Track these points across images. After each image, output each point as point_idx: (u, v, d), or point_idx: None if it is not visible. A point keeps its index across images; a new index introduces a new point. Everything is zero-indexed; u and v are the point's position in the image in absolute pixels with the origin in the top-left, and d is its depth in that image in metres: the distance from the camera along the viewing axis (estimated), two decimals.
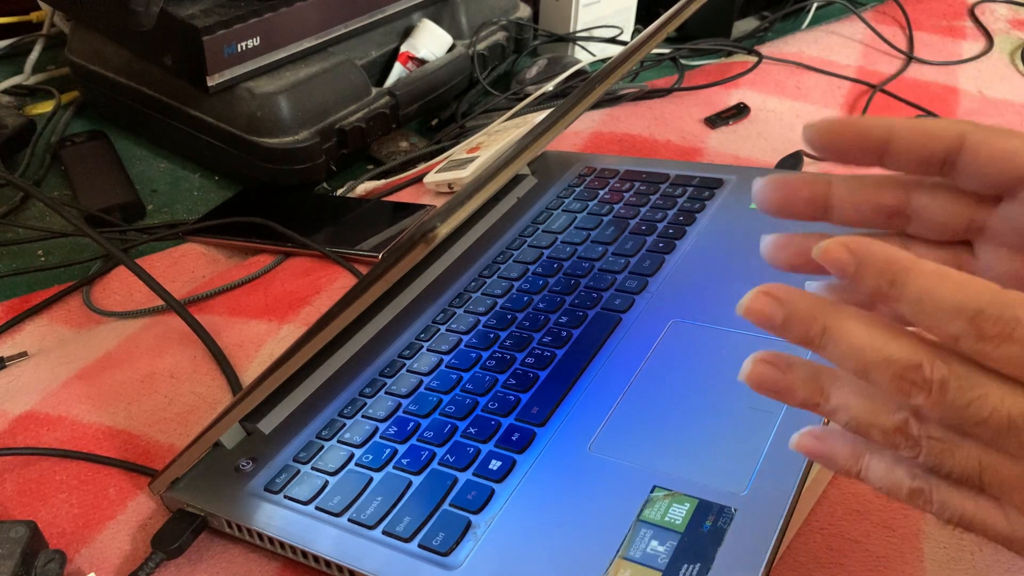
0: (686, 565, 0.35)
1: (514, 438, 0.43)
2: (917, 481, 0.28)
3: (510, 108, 0.79)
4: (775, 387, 0.29)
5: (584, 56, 0.90)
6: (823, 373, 0.28)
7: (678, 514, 0.37)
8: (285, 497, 0.43)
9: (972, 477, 0.27)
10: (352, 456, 0.44)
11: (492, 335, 0.51)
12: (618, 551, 0.36)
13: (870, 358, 0.26)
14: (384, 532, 0.40)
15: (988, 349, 0.25)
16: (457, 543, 0.38)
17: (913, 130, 0.30)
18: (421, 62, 0.80)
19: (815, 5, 1.01)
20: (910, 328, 0.27)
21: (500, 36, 0.86)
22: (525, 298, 0.53)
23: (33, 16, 0.97)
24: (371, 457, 0.44)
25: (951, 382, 0.25)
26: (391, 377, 0.49)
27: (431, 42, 0.80)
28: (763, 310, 0.28)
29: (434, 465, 0.43)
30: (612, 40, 0.92)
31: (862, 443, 0.29)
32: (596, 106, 0.83)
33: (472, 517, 0.39)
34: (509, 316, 0.52)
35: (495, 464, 0.42)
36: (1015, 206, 0.30)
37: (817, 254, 0.27)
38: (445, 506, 0.40)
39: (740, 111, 0.82)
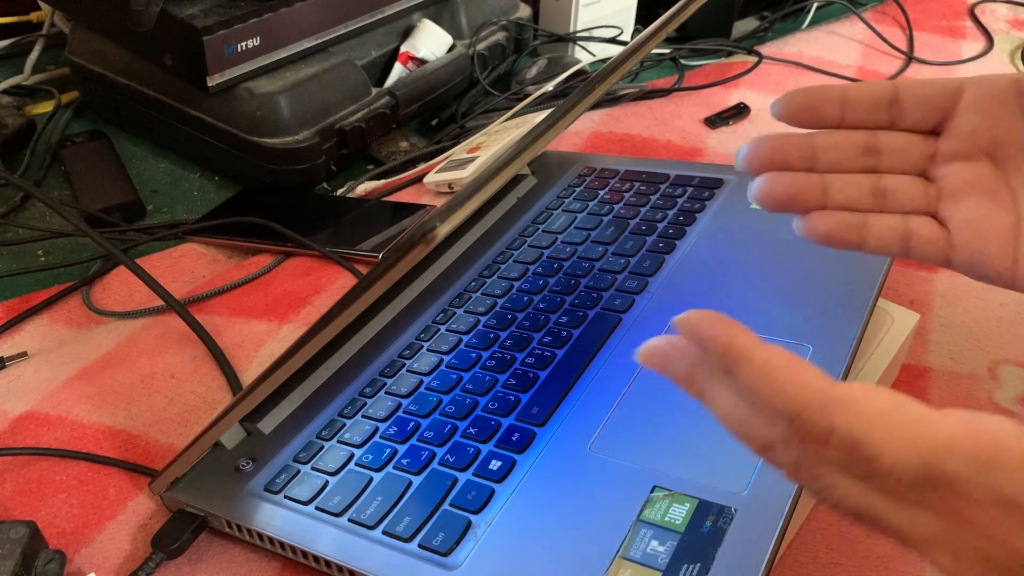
0: (686, 565, 0.35)
1: (514, 438, 0.43)
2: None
3: (510, 108, 0.79)
4: (660, 368, 0.31)
5: (584, 56, 0.90)
6: (704, 366, 0.29)
7: (678, 514, 0.37)
8: (285, 497, 0.43)
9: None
10: (352, 456, 0.44)
11: (492, 335, 0.51)
12: (618, 551, 0.36)
13: (735, 431, 0.28)
14: (384, 532, 0.40)
15: (812, 451, 0.26)
16: (457, 543, 0.38)
17: (859, 85, 0.36)
18: (421, 62, 0.80)
19: (815, 5, 1.01)
20: None
21: (500, 36, 0.86)
22: (525, 298, 0.53)
23: (33, 16, 0.97)
24: (371, 457, 0.44)
25: (802, 467, 0.26)
26: (391, 377, 0.49)
27: (431, 42, 0.80)
28: (651, 363, 0.31)
29: (434, 465, 0.43)
30: (612, 40, 0.92)
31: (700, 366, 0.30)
32: (596, 106, 0.83)
33: (472, 517, 0.39)
34: (509, 316, 0.52)
35: (495, 464, 0.42)
36: (952, 122, 0.35)
37: (674, 322, 0.29)
38: (445, 506, 0.40)
39: (740, 111, 0.82)
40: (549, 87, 0.81)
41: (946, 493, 0.24)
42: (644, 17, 0.97)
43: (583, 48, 0.91)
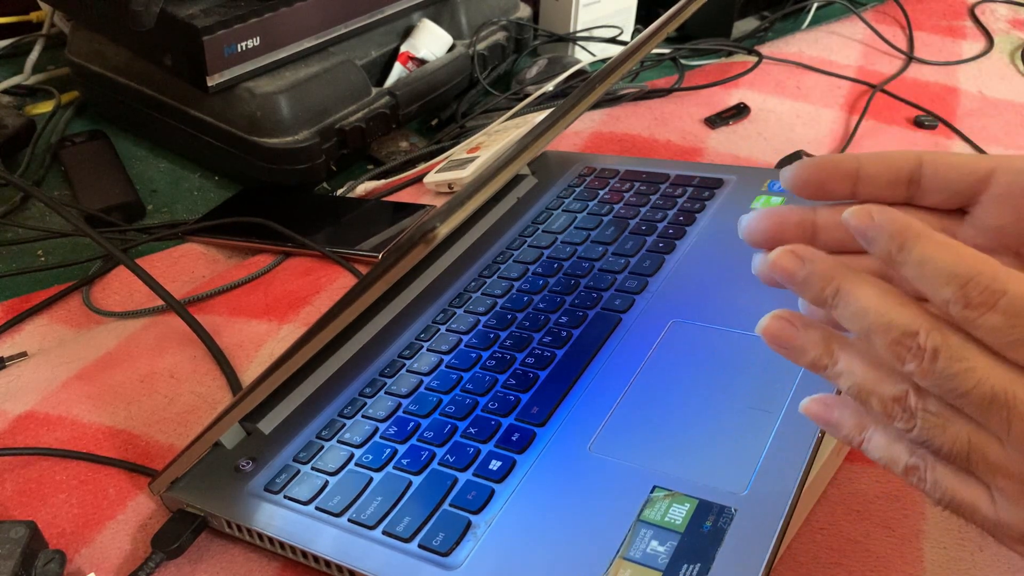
0: (686, 565, 0.35)
1: (514, 438, 0.43)
2: (914, 458, 0.29)
3: (510, 108, 0.79)
4: (788, 343, 0.31)
5: (584, 56, 0.90)
6: (835, 338, 0.30)
7: (678, 514, 0.37)
8: (285, 497, 0.43)
9: (961, 456, 0.28)
10: (352, 456, 0.44)
11: (492, 335, 0.51)
12: (618, 551, 0.36)
13: (873, 320, 0.28)
14: (384, 532, 0.40)
15: (973, 316, 0.26)
16: (457, 543, 0.38)
17: (878, 156, 0.33)
18: (421, 62, 0.80)
19: (815, 5, 1.01)
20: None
21: (500, 36, 0.86)
22: (525, 298, 0.53)
23: (33, 16, 0.97)
24: (371, 457, 0.44)
25: (943, 351, 0.27)
26: (391, 377, 0.49)
27: (431, 42, 0.80)
28: (787, 265, 0.30)
29: (434, 465, 0.43)
30: (612, 40, 0.92)
31: (868, 416, 0.31)
32: (596, 106, 0.83)
33: (472, 517, 0.39)
34: (509, 316, 0.52)
35: (495, 464, 0.42)
36: (977, 211, 0.33)
37: (845, 219, 0.28)
38: (445, 506, 0.40)
39: (740, 111, 0.82)
40: (549, 87, 0.81)
41: None
42: (644, 17, 0.97)
43: (583, 48, 0.91)
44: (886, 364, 0.29)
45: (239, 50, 0.68)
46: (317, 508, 0.42)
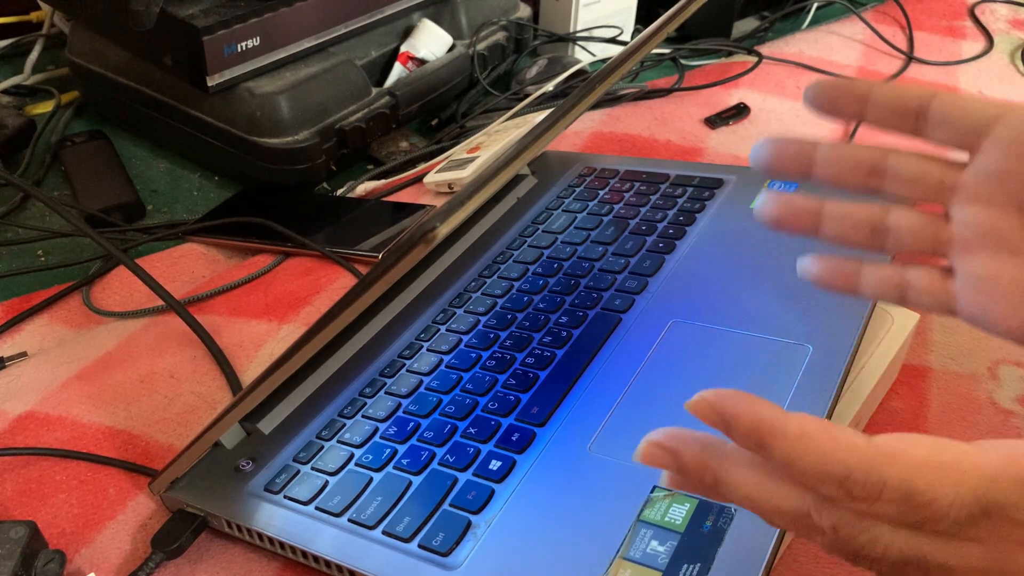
0: (686, 565, 0.35)
1: (514, 438, 0.43)
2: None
3: (510, 108, 0.79)
4: (667, 464, 0.29)
5: (584, 56, 0.90)
6: (713, 450, 0.28)
7: (678, 514, 0.37)
8: (285, 497, 0.43)
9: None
10: (352, 456, 0.44)
11: (492, 335, 0.51)
12: (618, 551, 0.36)
13: (761, 507, 0.27)
14: (384, 532, 0.40)
15: (864, 507, 0.25)
16: (457, 543, 0.38)
17: (891, 86, 0.33)
18: (421, 62, 0.80)
19: (815, 5, 1.01)
20: None
21: (500, 36, 0.86)
22: (525, 298, 0.53)
23: (33, 16, 0.97)
24: (371, 457, 0.44)
25: (840, 528, 0.26)
26: (391, 377, 0.49)
27: (431, 42, 0.80)
28: (657, 459, 0.28)
29: (434, 465, 0.43)
30: (612, 40, 0.92)
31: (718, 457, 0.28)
32: (596, 106, 0.83)
33: (472, 517, 0.39)
34: (509, 316, 0.52)
35: (495, 464, 0.42)
36: (980, 158, 0.32)
37: (689, 406, 0.28)
38: (445, 506, 0.40)
39: (740, 111, 0.82)
40: (549, 87, 0.81)
41: (998, 521, 0.24)
42: (644, 17, 0.97)
43: (583, 48, 0.91)
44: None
45: (239, 50, 0.68)
46: (317, 508, 0.42)
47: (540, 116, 0.74)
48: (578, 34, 0.90)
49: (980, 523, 0.24)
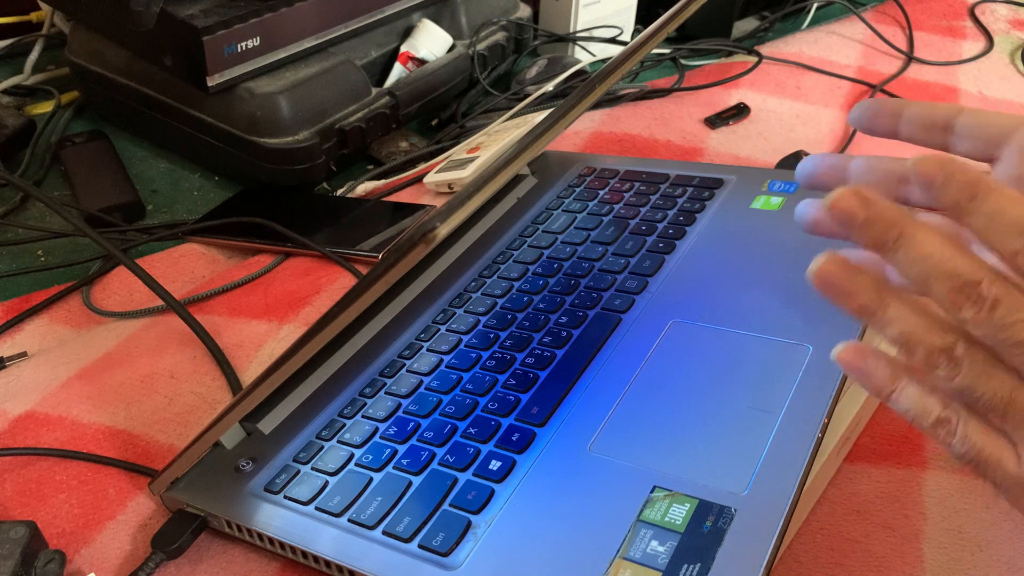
0: (686, 565, 0.35)
1: (514, 438, 0.43)
2: (947, 411, 0.30)
3: (510, 108, 0.79)
4: (840, 285, 0.31)
5: (584, 56, 0.90)
6: (886, 285, 0.30)
7: (678, 514, 0.37)
8: (285, 497, 0.43)
9: (999, 408, 0.29)
10: (352, 456, 0.44)
11: (492, 335, 0.51)
12: (618, 551, 0.36)
13: (936, 267, 0.28)
14: (384, 532, 0.40)
15: None
16: (457, 543, 0.38)
17: (921, 103, 0.37)
18: (421, 62, 0.80)
19: (815, 5, 1.01)
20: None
21: (500, 36, 0.86)
22: (525, 298, 0.53)
23: (33, 16, 0.97)
24: (371, 457, 0.44)
25: (1003, 301, 0.28)
26: (391, 377, 0.49)
27: (431, 42, 0.80)
28: (848, 206, 0.29)
29: (434, 465, 0.43)
30: (612, 40, 0.92)
31: (901, 370, 0.31)
32: (596, 106, 0.83)
33: (472, 517, 0.39)
34: (509, 316, 0.52)
35: (495, 464, 0.42)
36: (1001, 164, 0.34)
37: (911, 166, 0.29)
38: (445, 506, 0.40)
39: (740, 111, 0.82)
40: (549, 87, 0.81)
41: None
42: (644, 17, 0.97)
43: (583, 48, 0.91)
44: (935, 316, 0.29)
45: (239, 50, 0.68)
46: (317, 508, 0.42)
47: (540, 116, 0.74)
48: (578, 34, 0.90)
49: None
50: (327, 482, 0.43)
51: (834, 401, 0.41)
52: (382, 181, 0.73)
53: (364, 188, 0.73)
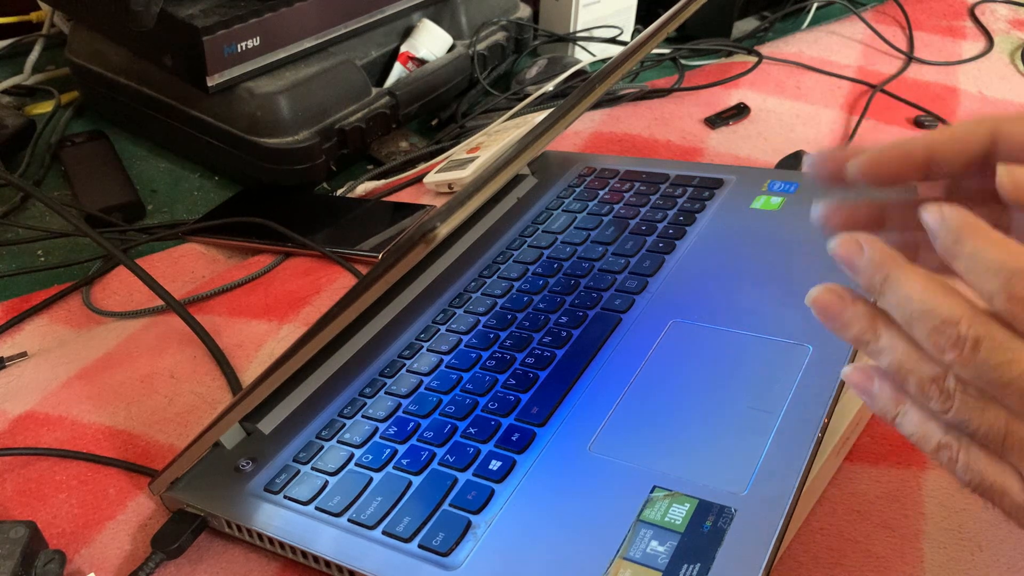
0: (686, 565, 0.35)
1: (514, 438, 0.43)
2: (947, 437, 0.29)
3: (510, 108, 0.79)
4: (835, 315, 0.32)
5: (584, 56, 0.90)
6: (880, 316, 0.31)
7: (678, 514, 0.37)
8: (285, 497, 0.43)
9: (996, 440, 0.28)
10: (352, 456, 0.44)
11: (492, 335, 0.51)
12: (618, 551, 0.36)
13: (916, 307, 0.28)
14: (384, 532, 0.40)
15: (1017, 311, 0.27)
16: (457, 543, 0.38)
17: (949, 140, 0.33)
18: (421, 62, 0.80)
19: (815, 5, 1.01)
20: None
21: (500, 36, 0.86)
22: (525, 298, 0.53)
23: (33, 16, 0.97)
24: (371, 457, 0.44)
25: (984, 342, 0.27)
26: (391, 377, 0.49)
27: (431, 42, 0.80)
28: (846, 253, 0.31)
29: (434, 465, 0.43)
30: (612, 40, 0.92)
31: (904, 394, 0.31)
32: (596, 106, 0.83)
33: (472, 517, 0.39)
34: (509, 316, 0.52)
35: (495, 464, 0.42)
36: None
37: (920, 212, 0.29)
38: (445, 506, 0.40)
39: (740, 111, 0.82)
40: (549, 87, 0.81)
41: None
42: (644, 17, 0.97)
43: (583, 48, 0.91)
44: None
45: (239, 50, 0.68)
46: (317, 508, 0.42)
47: (540, 116, 0.74)
48: (578, 34, 0.90)
49: None
50: (327, 482, 0.43)
51: (834, 401, 0.41)
52: (382, 181, 0.73)
53: (364, 188, 0.73)
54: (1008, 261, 0.27)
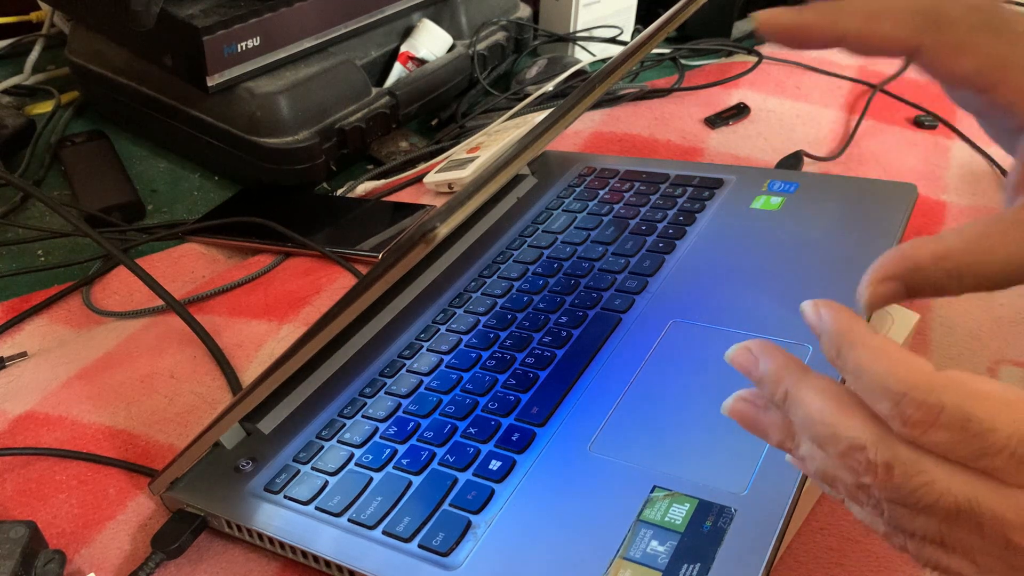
0: (686, 565, 0.35)
1: (514, 438, 0.43)
2: (890, 528, 0.28)
3: (510, 108, 0.79)
4: (751, 425, 0.31)
5: (584, 56, 0.90)
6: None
7: (678, 514, 0.37)
8: (285, 497, 0.43)
9: (935, 540, 0.26)
10: (352, 456, 0.44)
11: (492, 335, 0.51)
12: (618, 551, 0.36)
13: (820, 431, 0.27)
14: (384, 532, 0.40)
15: (916, 434, 0.25)
16: (457, 543, 0.38)
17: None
18: (421, 62, 0.80)
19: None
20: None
21: (500, 36, 0.86)
22: (525, 298, 0.53)
23: (33, 16, 0.97)
24: (371, 457, 0.44)
25: (896, 467, 0.25)
26: (391, 377, 0.49)
27: (431, 42, 0.80)
28: (742, 362, 0.30)
29: (434, 465, 0.43)
30: (612, 40, 0.92)
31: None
32: (596, 106, 0.83)
33: (472, 517, 0.39)
34: (509, 316, 0.52)
35: (495, 464, 0.42)
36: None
37: (803, 306, 0.29)
38: (445, 506, 0.40)
39: (740, 111, 0.82)
40: (549, 87, 0.81)
41: None
42: (644, 17, 0.97)
43: (583, 48, 0.91)
44: None
45: (239, 50, 0.68)
46: (317, 508, 0.42)
47: (540, 116, 0.74)
48: (578, 34, 0.90)
49: None
50: (327, 482, 0.43)
51: None
52: (382, 181, 0.73)
53: (364, 188, 0.73)
54: (892, 382, 0.25)
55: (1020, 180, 0.32)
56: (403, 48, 0.80)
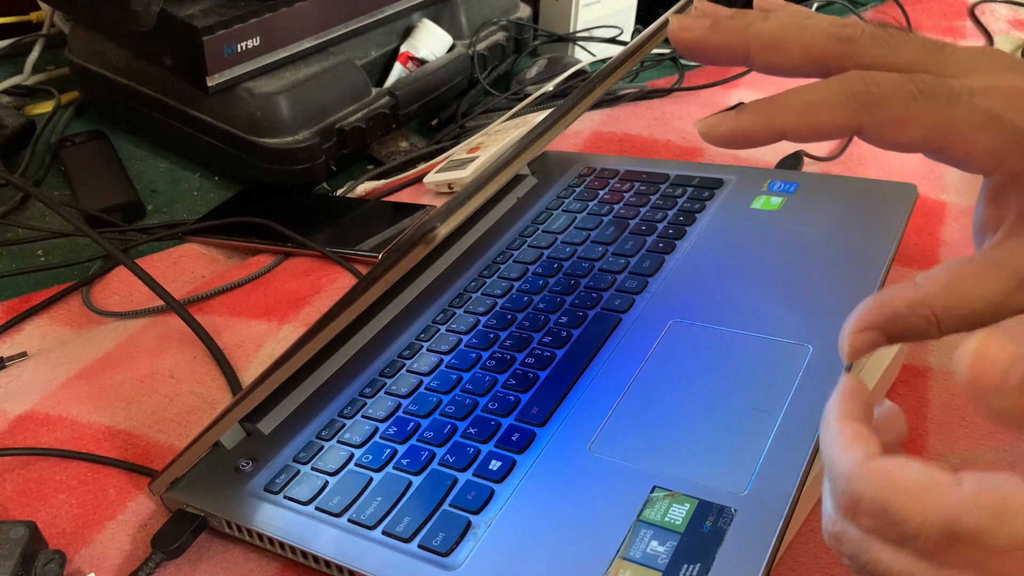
0: (686, 565, 0.35)
1: (514, 438, 0.43)
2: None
3: (510, 108, 0.79)
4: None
5: (584, 56, 0.90)
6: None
7: (678, 514, 0.37)
8: (285, 497, 0.43)
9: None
10: (352, 456, 0.44)
11: (492, 335, 0.51)
12: (618, 551, 0.36)
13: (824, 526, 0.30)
14: (384, 532, 0.40)
15: (848, 518, 0.27)
16: (457, 543, 0.38)
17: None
18: (421, 62, 0.80)
19: (815, 5, 1.01)
20: None
21: (500, 36, 0.86)
22: (525, 298, 0.53)
23: (33, 16, 0.97)
24: (371, 457, 0.44)
25: (844, 541, 0.28)
26: (391, 377, 0.49)
27: (431, 42, 0.80)
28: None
29: (434, 465, 0.43)
30: (612, 40, 0.92)
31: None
32: (596, 106, 0.83)
33: (472, 517, 0.39)
34: (509, 316, 0.52)
35: (495, 464, 0.42)
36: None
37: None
38: (445, 506, 0.40)
39: None
40: (549, 87, 0.81)
41: (971, 547, 0.25)
42: (644, 17, 0.97)
43: (583, 48, 0.91)
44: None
45: (239, 50, 0.68)
46: (317, 508, 0.42)
47: (540, 116, 0.74)
48: (578, 34, 0.90)
49: (955, 547, 0.25)
50: (327, 482, 0.43)
51: None
52: (382, 181, 0.73)
53: (364, 188, 0.73)
54: (831, 468, 0.27)
55: (986, 222, 0.33)
56: (403, 48, 0.80)
